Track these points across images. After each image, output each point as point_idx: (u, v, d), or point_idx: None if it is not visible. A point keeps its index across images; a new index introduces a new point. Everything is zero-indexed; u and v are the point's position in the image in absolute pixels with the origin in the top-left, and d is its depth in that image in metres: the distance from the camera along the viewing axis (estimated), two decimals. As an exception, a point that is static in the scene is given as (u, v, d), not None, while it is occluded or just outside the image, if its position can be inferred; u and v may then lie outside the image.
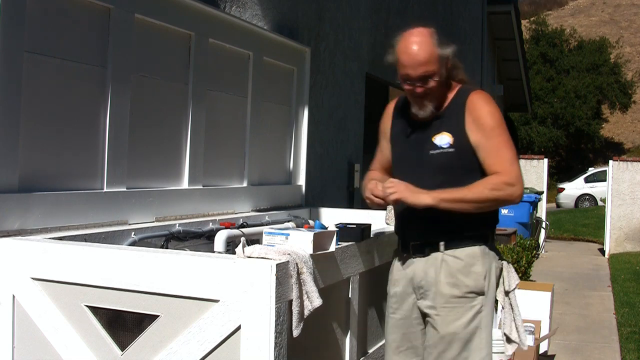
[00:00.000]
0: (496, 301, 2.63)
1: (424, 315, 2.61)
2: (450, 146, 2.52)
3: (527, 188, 11.33)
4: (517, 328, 2.62)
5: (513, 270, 2.66)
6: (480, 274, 2.54)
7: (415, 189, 2.47)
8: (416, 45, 2.45)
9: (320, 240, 2.43)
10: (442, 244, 2.55)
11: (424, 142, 2.58)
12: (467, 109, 2.53)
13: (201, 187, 3.66)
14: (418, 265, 2.59)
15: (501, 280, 2.61)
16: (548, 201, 14.38)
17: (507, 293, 2.60)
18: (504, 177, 2.44)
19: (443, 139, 2.54)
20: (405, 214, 2.62)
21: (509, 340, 2.64)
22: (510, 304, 2.62)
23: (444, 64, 2.50)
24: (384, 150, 2.82)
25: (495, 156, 2.48)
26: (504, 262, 2.65)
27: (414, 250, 2.61)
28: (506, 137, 2.51)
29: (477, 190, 2.44)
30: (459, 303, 2.52)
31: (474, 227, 2.56)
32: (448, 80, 2.59)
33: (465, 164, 2.52)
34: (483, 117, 2.51)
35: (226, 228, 3.37)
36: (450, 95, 2.60)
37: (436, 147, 2.55)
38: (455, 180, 2.48)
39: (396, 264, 2.70)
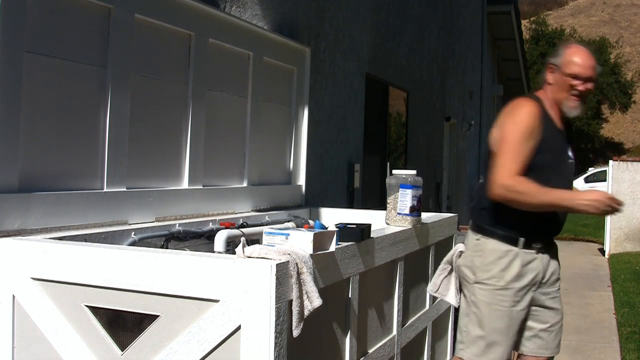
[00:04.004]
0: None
1: (538, 304, 2.98)
2: (572, 158, 2.99)
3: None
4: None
5: None
6: None
7: None
8: (587, 54, 2.93)
9: (320, 240, 2.43)
10: (554, 240, 3.04)
11: (566, 151, 2.96)
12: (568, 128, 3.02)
13: (201, 187, 3.67)
14: (543, 261, 2.95)
15: None
16: (548, 201, 14.34)
17: None
18: None
19: (571, 151, 2.98)
20: (547, 215, 2.90)
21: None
22: None
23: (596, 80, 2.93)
24: (529, 153, 2.79)
25: None
26: None
27: (543, 247, 2.96)
28: None
29: None
30: None
31: None
32: None
33: None
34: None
35: (226, 228, 3.37)
36: None
37: (570, 157, 2.97)
38: None
39: (518, 259, 2.91)
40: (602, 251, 12.17)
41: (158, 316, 2.25)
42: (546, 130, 2.83)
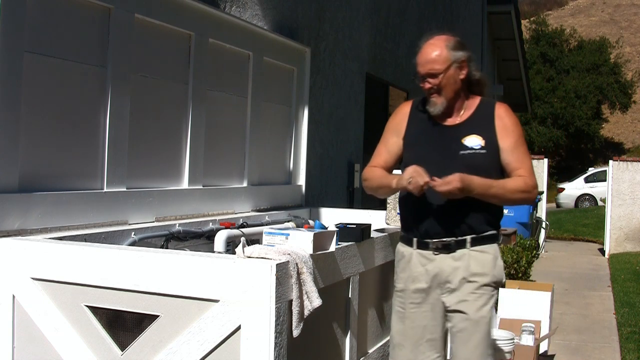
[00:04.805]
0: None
1: (447, 308, 2.76)
2: (482, 147, 2.74)
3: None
4: None
5: None
6: (502, 268, 2.83)
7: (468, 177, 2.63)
8: (428, 46, 2.73)
9: (320, 240, 2.43)
10: (469, 241, 2.74)
11: (451, 143, 2.77)
12: (497, 116, 2.80)
13: (201, 187, 3.66)
14: (445, 262, 2.74)
15: None
16: (548, 201, 14.37)
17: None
18: (529, 181, 2.75)
19: (473, 141, 2.76)
20: (427, 211, 2.74)
21: None
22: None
23: (455, 66, 2.73)
24: (392, 148, 2.91)
25: (521, 162, 2.78)
26: None
27: (441, 247, 2.75)
28: (526, 147, 2.88)
29: (512, 185, 2.72)
30: (485, 291, 2.73)
31: (492, 226, 2.79)
32: (468, 88, 2.82)
33: (493, 165, 2.76)
34: (511, 125, 2.80)
35: (226, 228, 3.37)
36: (474, 103, 2.84)
37: (466, 147, 2.75)
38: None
39: (413, 260, 2.79)
40: (602, 251, 12.18)
41: (158, 316, 2.25)
42: (414, 128, 2.86)
